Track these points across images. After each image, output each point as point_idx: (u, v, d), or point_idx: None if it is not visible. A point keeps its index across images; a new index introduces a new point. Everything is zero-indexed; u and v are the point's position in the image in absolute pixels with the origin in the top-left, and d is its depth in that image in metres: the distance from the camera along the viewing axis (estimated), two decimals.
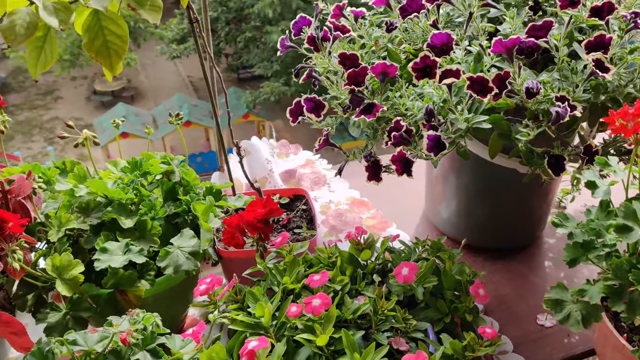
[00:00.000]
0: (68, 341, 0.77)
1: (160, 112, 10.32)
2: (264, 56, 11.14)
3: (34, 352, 0.76)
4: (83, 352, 0.80)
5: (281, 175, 1.42)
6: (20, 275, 0.90)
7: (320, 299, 0.86)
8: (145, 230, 1.03)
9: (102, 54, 0.77)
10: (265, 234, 0.98)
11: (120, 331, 0.78)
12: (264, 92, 10.61)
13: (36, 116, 11.66)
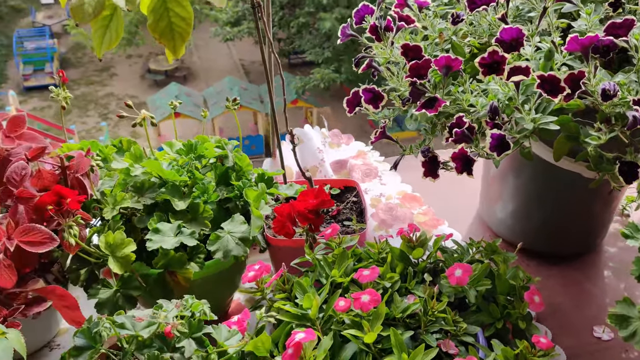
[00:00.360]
0: (116, 324, 0.78)
1: (211, 94, 10.44)
2: (316, 42, 11.11)
3: (84, 331, 0.77)
4: (130, 336, 0.80)
5: (332, 165, 1.41)
6: (75, 250, 0.91)
7: (369, 295, 0.84)
8: (197, 213, 1.03)
9: (166, 36, 0.77)
10: (315, 225, 0.97)
11: (167, 322, 0.79)
12: (313, 78, 10.59)
13: (92, 92, 11.98)
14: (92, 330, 0.77)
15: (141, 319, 0.77)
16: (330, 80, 10.56)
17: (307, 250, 0.99)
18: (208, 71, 13.16)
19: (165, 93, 10.23)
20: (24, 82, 11.67)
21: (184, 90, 10.76)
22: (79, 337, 0.76)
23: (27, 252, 0.83)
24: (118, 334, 0.79)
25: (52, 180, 0.92)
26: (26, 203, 0.87)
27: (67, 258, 1.03)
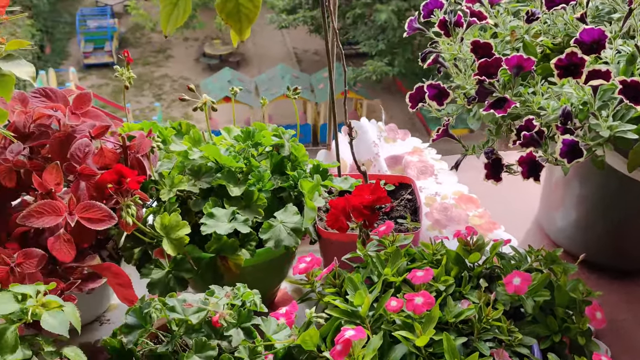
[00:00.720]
0: (167, 306, 0.79)
1: (262, 80, 10.51)
2: (371, 34, 11.02)
3: (135, 310, 0.78)
4: (179, 319, 0.81)
5: (387, 160, 1.38)
6: (131, 229, 0.92)
7: (423, 297, 0.82)
8: (251, 201, 1.03)
9: (232, 17, 0.76)
10: (370, 221, 0.95)
11: (216, 310, 0.78)
12: (366, 70, 10.52)
13: (148, 72, 12.24)
14: (144, 310, 0.78)
15: (190, 304, 0.77)
16: (382, 73, 10.47)
17: (359, 246, 0.98)
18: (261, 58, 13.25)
19: (218, 77, 10.35)
20: (84, 59, 12.03)
21: (237, 75, 10.86)
22: (131, 316, 0.77)
23: (86, 229, 0.84)
24: (168, 316, 0.80)
25: (113, 159, 0.93)
26: (88, 180, 0.88)
27: (122, 236, 1.04)
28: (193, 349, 0.77)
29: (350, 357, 0.77)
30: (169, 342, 0.77)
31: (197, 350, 0.77)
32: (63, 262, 0.84)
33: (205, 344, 0.77)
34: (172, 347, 0.76)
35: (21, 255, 0.80)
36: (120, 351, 0.79)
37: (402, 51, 10.76)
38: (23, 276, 0.80)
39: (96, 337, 1.11)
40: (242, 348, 0.79)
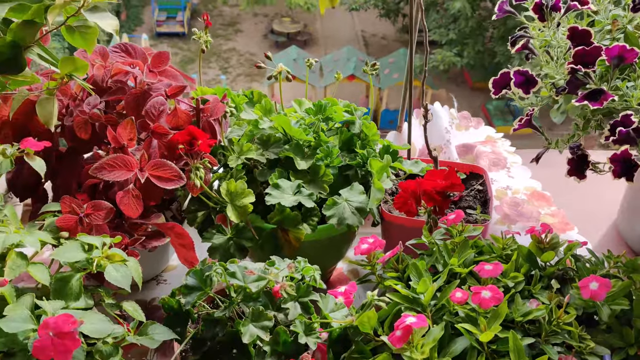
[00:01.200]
0: (228, 272, 0.78)
1: (327, 61, 10.45)
2: (442, 22, 10.76)
3: (196, 272, 0.77)
4: (238, 286, 0.80)
5: (458, 148, 1.33)
6: (197, 192, 0.92)
7: (491, 292, 0.78)
8: (317, 175, 1.01)
9: None
10: (441, 208, 0.92)
11: (276, 281, 0.77)
12: (433, 59, 10.29)
13: (216, 44, 12.40)
14: (204, 273, 0.77)
15: (252, 272, 0.76)
16: (450, 63, 10.22)
17: (425, 233, 0.94)
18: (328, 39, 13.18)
19: (285, 55, 10.36)
20: (157, 27, 12.29)
21: (303, 54, 10.84)
22: (191, 277, 0.77)
23: (154, 186, 0.84)
24: (227, 281, 0.79)
25: (186, 121, 0.93)
26: (160, 138, 0.88)
27: (187, 198, 1.04)
28: (249, 317, 0.76)
29: (409, 345, 0.74)
30: (227, 307, 0.76)
31: (254, 319, 0.76)
32: (129, 217, 0.85)
33: (262, 314, 0.76)
34: (229, 312, 0.76)
35: (90, 207, 0.81)
36: (177, 311, 0.79)
37: (473, 42, 10.46)
38: (90, 227, 0.80)
39: (152, 296, 1.12)
40: (298, 322, 0.78)
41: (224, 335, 0.76)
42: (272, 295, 0.80)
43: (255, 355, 0.76)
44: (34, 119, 0.91)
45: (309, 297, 0.81)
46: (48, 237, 0.77)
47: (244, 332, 0.74)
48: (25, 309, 0.67)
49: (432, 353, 0.76)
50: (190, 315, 0.79)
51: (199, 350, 0.78)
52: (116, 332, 0.70)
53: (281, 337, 0.77)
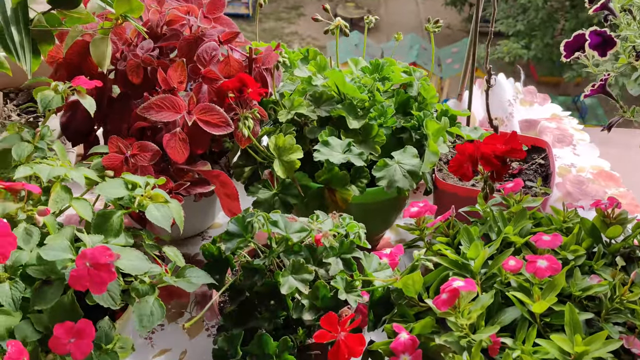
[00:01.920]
0: (270, 220, 0.75)
1: (389, 48, 10.31)
2: (510, 13, 10.41)
3: (238, 219, 0.75)
4: (280, 236, 0.77)
5: (520, 123, 1.26)
6: (245, 143, 0.90)
7: (548, 261, 0.73)
8: (369, 136, 0.97)
9: None
10: (499, 173, 0.86)
11: (319, 229, 0.74)
12: (499, 50, 9.96)
13: (279, 27, 12.44)
14: (246, 219, 0.75)
15: (294, 218, 0.73)
16: (516, 56, 9.87)
17: (480, 201, 0.89)
18: (391, 26, 13.00)
19: (346, 40, 10.29)
20: None
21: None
22: (233, 224, 0.75)
23: (202, 132, 0.83)
24: (269, 230, 0.76)
25: (238, 69, 0.90)
26: (210, 84, 0.86)
27: (236, 152, 1.03)
28: (289, 269, 0.73)
29: (455, 310, 0.70)
30: (267, 256, 0.74)
31: (294, 271, 0.73)
32: (175, 162, 0.83)
33: (302, 266, 0.73)
34: (268, 261, 0.73)
35: (137, 147, 0.80)
36: (217, 258, 0.78)
37: (542, 35, 10.07)
38: (136, 168, 0.80)
39: (196, 251, 1.11)
40: (339, 278, 0.75)
41: (262, 285, 0.74)
42: (313, 249, 0.77)
43: (293, 308, 0.74)
44: (87, 60, 0.91)
45: (352, 253, 0.77)
46: (93, 174, 0.77)
47: (282, 282, 0.72)
48: (65, 240, 0.67)
49: (479, 320, 0.71)
50: (229, 263, 0.77)
51: (236, 300, 0.76)
52: (153, 270, 0.69)
53: (320, 292, 0.74)
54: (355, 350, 0.67)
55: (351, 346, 0.67)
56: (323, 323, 0.67)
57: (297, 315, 0.73)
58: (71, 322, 0.63)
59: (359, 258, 0.78)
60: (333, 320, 0.67)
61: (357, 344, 0.67)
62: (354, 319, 0.68)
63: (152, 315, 0.67)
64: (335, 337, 0.67)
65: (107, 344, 0.72)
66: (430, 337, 0.73)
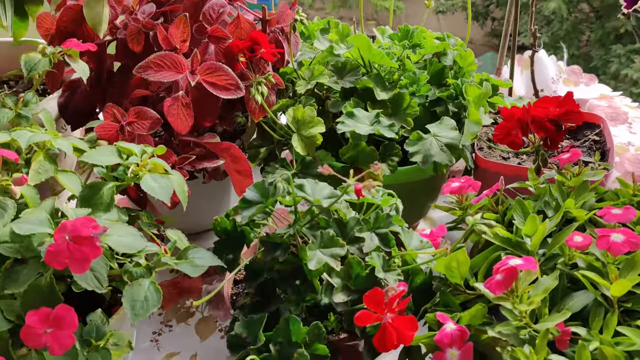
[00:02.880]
0: (295, 184, 0.64)
1: None
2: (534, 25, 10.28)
3: (257, 184, 0.64)
4: (304, 212, 0.66)
5: None
6: (259, 116, 0.80)
7: (624, 235, 0.60)
8: (400, 107, 0.86)
9: None
10: (553, 140, 0.74)
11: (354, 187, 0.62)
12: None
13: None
14: (267, 183, 0.64)
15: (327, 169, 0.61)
16: None
17: (531, 175, 0.77)
18: None
19: None
20: None
21: None
22: (251, 191, 0.64)
23: (208, 98, 0.72)
24: (295, 194, 0.63)
25: (249, 32, 0.80)
26: (217, 43, 0.76)
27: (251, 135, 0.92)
28: (318, 242, 0.61)
29: (512, 294, 0.57)
30: (290, 226, 0.62)
31: (322, 244, 0.61)
32: (179, 134, 0.73)
33: (332, 239, 0.62)
34: (293, 231, 0.61)
35: (133, 114, 0.69)
36: (230, 233, 0.66)
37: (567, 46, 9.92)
38: (133, 137, 0.69)
39: (209, 245, 1.00)
40: (376, 255, 0.63)
41: (285, 262, 0.62)
42: (343, 224, 0.66)
43: (322, 290, 0.62)
44: (83, 28, 0.81)
45: (388, 227, 0.65)
46: (84, 145, 0.67)
47: (310, 257, 0.60)
48: (44, 212, 0.56)
49: (542, 308, 0.58)
50: (245, 237, 0.66)
51: (254, 281, 0.65)
52: (149, 249, 0.58)
53: (354, 270, 0.62)
54: (405, 336, 0.55)
55: (401, 330, 0.55)
56: (366, 301, 0.55)
57: (327, 298, 0.61)
58: (47, 308, 0.53)
59: (397, 233, 0.66)
60: (379, 298, 0.55)
61: (408, 328, 0.55)
62: (404, 297, 0.56)
63: (146, 301, 0.56)
64: (380, 318, 0.55)
65: (98, 340, 0.61)
66: (482, 329, 0.60)
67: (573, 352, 0.54)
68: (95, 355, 0.61)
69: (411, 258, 0.65)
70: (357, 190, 0.57)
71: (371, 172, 0.84)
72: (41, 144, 0.63)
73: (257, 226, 0.67)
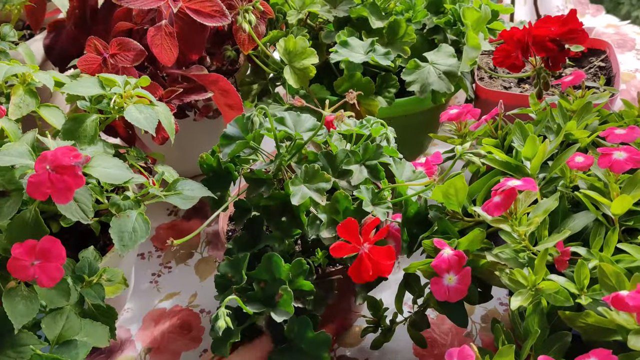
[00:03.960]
0: (276, 118, 0.62)
1: None
2: None
3: (237, 119, 0.62)
4: (286, 135, 0.62)
5: None
6: (248, 47, 0.77)
7: (627, 152, 0.57)
8: (396, 36, 0.82)
9: None
10: (555, 61, 0.71)
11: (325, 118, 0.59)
12: None
13: None
14: (245, 117, 0.62)
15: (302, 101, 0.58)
16: None
17: (532, 100, 0.74)
18: None
19: None
20: None
21: None
22: (232, 126, 0.62)
23: (193, 28, 0.69)
24: (273, 129, 0.61)
25: None
26: None
27: (245, 73, 0.90)
28: (302, 176, 0.60)
29: (511, 216, 0.56)
30: (272, 161, 0.60)
31: (307, 179, 0.60)
32: (165, 66, 0.70)
33: (317, 173, 0.60)
34: (275, 169, 0.60)
35: (116, 45, 0.67)
36: (216, 171, 0.65)
37: None
38: (117, 70, 0.67)
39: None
40: (364, 188, 0.61)
41: (270, 198, 0.60)
42: (331, 157, 0.64)
43: (309, 224, 0.60)
44: None
45: (378, 159, 0.63)
46: (66, 78, 0.65)
47: (293, 192, 0.58)
48: (25, 144, 0.54)
49: (541, 230, 0.57)
50: (231, 175, 0.64)
51: (241, 220, 0.64)
52: (135, 180, 0.56)
53: (341, 204, 0.61)
54: (382, 266, 0.54)
55: (377, 260, 0.53)
56: (340, 231, 0.53)
57: (314, 233, 0.60)
58: (33, 240, 0.52)
59: (387, 164, 0.64)
60: (353, 228, 0.53)
61: (385, 257, 0.54)
62: (379, 227, 0.54)
63: (134, 232, 0.55)
64: (357, 249, 0.54)
65: (91, 276, 0.61)
66: (480, 254, 0.59)
67: (572, 273, 0.52)
68: (88, 291, 0.60)
69: (404, 190, 0.63)
70: (328, 121, 0.54)
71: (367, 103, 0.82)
72: (21, 78, 0.61)
73: (245, 162, 0.65)
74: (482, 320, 0.77)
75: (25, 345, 0.52)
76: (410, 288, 0.68)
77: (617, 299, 0.45)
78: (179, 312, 0.82)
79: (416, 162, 0.69)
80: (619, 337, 0.48)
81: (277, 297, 0.56)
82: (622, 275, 0.48)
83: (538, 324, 0.52)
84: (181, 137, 0.88)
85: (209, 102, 0.80)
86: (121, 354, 0.77)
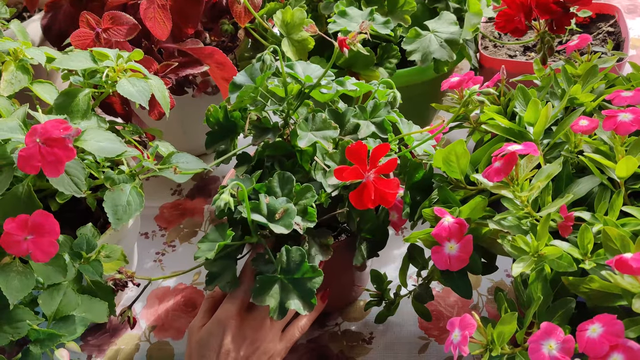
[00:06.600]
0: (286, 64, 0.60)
1: None
2: None
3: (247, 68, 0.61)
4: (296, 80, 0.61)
5: None
6: (245, 20, 0.75)
7: (632, 113, 0.55)
8: (396, 4, 0.80)
9: None
10: (559, 24, 0.68)
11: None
12: None
13: None
14: (255, 61, 0.61)
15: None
16: None
17: (536, 65, 0.72)
18: None
19: None
20: None
21: None
22: (241, 75, 0.61)
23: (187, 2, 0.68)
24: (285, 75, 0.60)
25: None
26: None
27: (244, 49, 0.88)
28: (309, 123, 0.58)
29: (513, 182, 0.54)
30: (279, 104, 0.59)
31: (314, 126, 0.59)
32: (159, 40, 0.69)
33: (324, 121, 0.59)
34: (283, 113, 0.58)
35: (108, 19, 0.66)
36: (223, 123, 0.63)
37: None
38: (110, 44, 0.66)
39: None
40: (372, 140, 0.60)
41: (276, 148, 0.59)
42: (339, 114, 0.63)
43: (314, 169, 0.59)
44: None
45: (383, 116, 0.62)
46: (58, 53, 0.64)
47: (301, 136, 0.57)
48: (16, 119, 0.54)
49: (545, 195, 0.55)
50: (236, 126, 0.63)
51: (243, 165, 0.63)
52: (129, 153, 0.56)
53: None
54: (386, 195, 0.52)
55: (381, 189, 0.52)
56: (349, 154, 0.52)
57: (320, 178, 0.59)
58: (25, 215, 0.51)
59: (393, 122, 0.63)
60: (362, 152, 0.52)
61: (390, 186, 0.52)
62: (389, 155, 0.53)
63: (128, 205, 0.54)
64: (362, 176, 0.52)
65: (89, 252, 0.60)
66: (482, 222, 0.58)
67: (576, 239, 0.51)
68: (86, 267, 0.60)
69: (410, 141, 0.62)
70: (341, 40, 0.53)
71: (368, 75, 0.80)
72: (12, 54, 0.60)
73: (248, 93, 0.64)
74: (488, 292, 0.76)
75: (22, 320, 0.52)
76: (414, 260, 0.67)
77: (621, 262, 0.44)
78: (183, 290, 0.82)
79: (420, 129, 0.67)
80: (623, 301, 0.46)
81: (279, 214, 0.54)
82: (627, 239, 0.47)
83: (541, 290, 0.51)
84: (182, 116, 0.88)
85: (207, 78, 0.79)
86: (125, 332, 0.77)
